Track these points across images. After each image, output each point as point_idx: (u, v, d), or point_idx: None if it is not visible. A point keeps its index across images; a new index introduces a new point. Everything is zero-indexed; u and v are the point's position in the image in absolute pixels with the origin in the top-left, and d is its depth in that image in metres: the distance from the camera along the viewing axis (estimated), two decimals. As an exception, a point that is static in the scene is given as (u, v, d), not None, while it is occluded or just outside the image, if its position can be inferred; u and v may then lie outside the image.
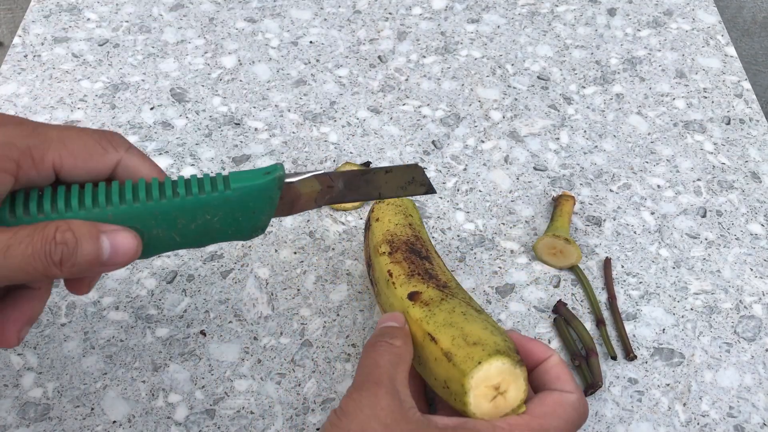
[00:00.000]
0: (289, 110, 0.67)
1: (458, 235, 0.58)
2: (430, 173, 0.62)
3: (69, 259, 0.34)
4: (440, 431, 0.36)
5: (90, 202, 0.36)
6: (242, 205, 0.39)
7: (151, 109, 0.66)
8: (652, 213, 0.60)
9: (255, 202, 0.39)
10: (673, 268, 0.57)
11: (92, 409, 0.48)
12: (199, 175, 0.40)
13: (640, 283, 0.56)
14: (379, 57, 0.72)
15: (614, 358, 0.51)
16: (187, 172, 0.61)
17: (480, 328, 0.40)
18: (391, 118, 0.66)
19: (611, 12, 0.77)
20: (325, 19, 0.75)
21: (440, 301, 0.43)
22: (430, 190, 0.45)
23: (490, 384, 0.38)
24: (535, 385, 0.42)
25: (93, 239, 0.35)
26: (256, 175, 0.39)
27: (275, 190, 0.39)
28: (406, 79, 0.70)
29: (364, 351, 0.41)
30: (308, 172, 0.42)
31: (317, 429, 0.48)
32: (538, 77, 0.71)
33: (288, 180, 0.40)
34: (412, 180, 0.45)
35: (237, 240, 0.41)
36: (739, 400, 0.50)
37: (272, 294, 0.54)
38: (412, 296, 0.44)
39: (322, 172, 0.42)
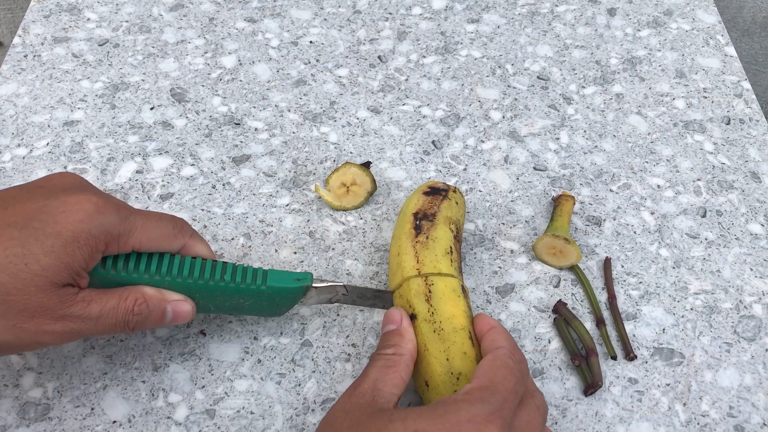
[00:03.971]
0: (289, 110, 0.67)
1: (458, 235, 0.58)
2: (430, 173, 0.62)
3: (140, 325, 0.44)
4: (402, 419, 0.38)
5: (154, 269, 0.44)
6: (270, 299, 0.47)
7: (151, 109, 0.66)
8: (652, 213, 0.60)
9: (282, 299, 0.48)
10: (673, 268, 0.57)
11: (92, 409, 0.48)
12: (245, 265, 0.49)
13: (640, 283, 0.56)
14: (379, 57, 0.72)
15: (614, 358, 0.51)
16: (187, 172, 0.61)
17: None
18: (391, 118, 0.66)
19: (611, 12, 0.77)
20: (325, 19, 0.75)
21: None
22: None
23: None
24: (482, 355, 0.45)
25: (161, 308, 0.44)
26: (289, 279, 0.47)
27: (300, 294, 0.48)
28: (406, 79, 0.70)
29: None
30: (331, 281, 0.49)
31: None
32: (538, 77, 0.71)
33: (313, 285, 0.48)
34: None
35: (257, 316, 0.51)
36: (739, 400, 0.50)
37: (272, 294, 0.54)
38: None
39: (342, 284, 0.49)
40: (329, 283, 0.49)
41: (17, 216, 0.40)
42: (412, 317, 0.47)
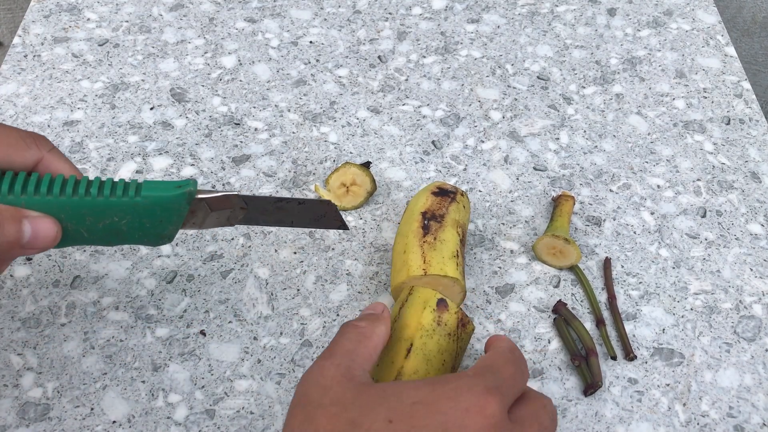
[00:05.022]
0: (289, 110, 0.67)
1: (458, 235, 0.58)
2: (430, 173, 0.62)
3: None
4: (397, 393, 0.36)
5: (6, 188, 0.38)
6: (150, 213, 0.41)
7: (151, 109, 0.66)
8: (652, 213, 0.60)
9: (163, 212, 0.41)
10: (673, 268, 0.57)
11: (92, 409, 0.48)
12: (116, 179, 0.43)
13: (640, 283, 0.56)
14: (379, 57, 0.72)
15: (614, 358, 0.51)
16: (187, 172, 0.61)
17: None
18: (391, 118, 0.66)
19: (611, 12, 0.77)
20: (325, 19, 0.75)
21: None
22: (342, 226, 0.48)
23: None
24: None
25: (15, 223, 0.38)
26: (167, 187, 0.41)
27: (184, 204, 0.41)
28: (406, 79, 0.70)
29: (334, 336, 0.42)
30: (222, 191, 0.43)
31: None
32: (538, 77, 0.71)
33: (199, 196, 0.42)
34: (324, 215, 0.47)
35: (144, 245, 0.44)
36: (739, 400, 0.50)
37: (272, 294, 0.54)
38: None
39: (235, 193, 0.43)
40: (220, 193, 0.43)
41: None
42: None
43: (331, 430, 0.35)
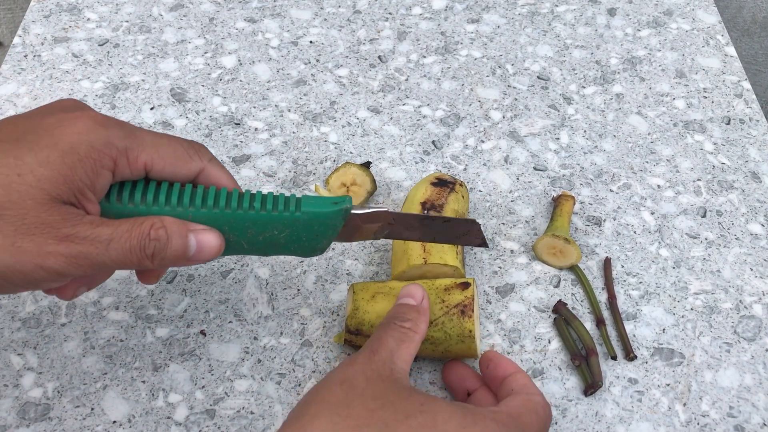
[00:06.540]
0: (289, 110, 0.67)
1: (458, 235, 0.58)
2: (430, 173, 0.62)
3: (160, 254, 0.39)
4: (432, 412, 0.38)
5: (175, 200, 0.40)
6: (308, 228, 0.43)
7: (151, 109, 0.66)
8: (652, 213, 0.60)
9: (320, 226, 0.43)
10: (673, 268, 0.57)
11: (92, 409, 0.48)
12: (275, 193, 0.45)
13: (640, 283, 0.56)
14: (379, 57, 0.72)
15: (614, 358, 0.51)
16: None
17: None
18: (391, 118, 0.66)
19: (611, 12, 0.77)
20: (325, 19, 0.75)
21: None
22: (483, 244, 0.49)
23: None
24: (503, 394, 0.45)
25: (182, 237, 0.39)
26: (325, 203, 0.43)
27: (339, 220, 0.43)
28: (406, 79, 0.70)
29: (376, 329, 0.44)
30: (374, 207, 0.45)
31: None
32: (538, 77, 0.71)
33: (353, 212, 0.44)
34: (467, 232, 0.48)
35: (297, 256, 0.45)
36: (739, 400, 0.50)
37: (272, 294, 0.54)
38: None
39: (386, 210, 0.45)
40: (372, 209, 0.44)
41: (10, 132, 0.37)
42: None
43: (365, 423, 0.37)
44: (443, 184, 0.55)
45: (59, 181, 0.36)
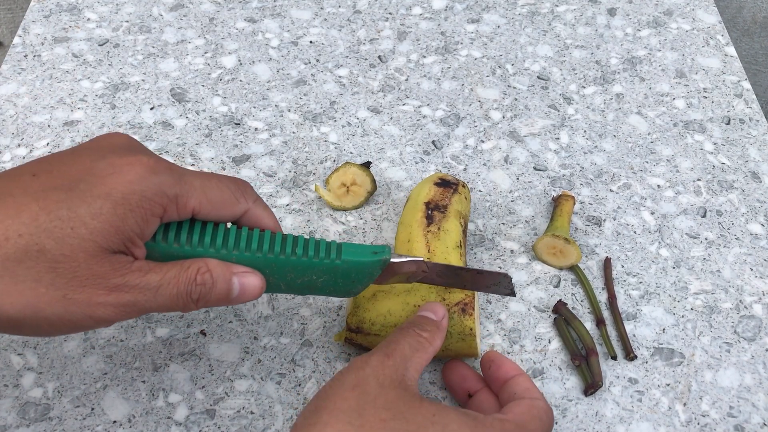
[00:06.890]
0: (289, 110, 0.67)
1: (458, 235, 0.58)
2: (430, 173, 0.62)
3: (204, 297, 0.40)
4: (443, 423, 0.38)
5: (220, 243, 0.41)
6: (346, 274, 0.44)
7: (151, 109, 0.66)
8: (652, 213, 0.60)
9: (358, 274, 0.44)
10: (673, 268, 0.57)
11: (92, 409, 0.48)
12: (317, 238, 0.45)
13: (640, 283, 0.56)
14: (379, 57, 0.72)
15: (614, 358, 0.51)
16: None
17: None
18: (391, 118, 0.66)
19: (611, 12, 0.77)
20: (325, 19, 0.75)
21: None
22: (511, 293, 0.49)
23: None
24: (505, 397, 0.45)
25: (227, 281, 0.40)
26: (365, 252, 0.44)
27: (378, 269, 0.44)
28: (406, 79, 0.70)
29: (393, 333, 0.44)
30: (410, 258, 0.45)
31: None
32: (538, 77, 0.71)
33: (392, 260, 0.45)
34: (498, 283, 0.49)
35: (332, 296, 0.47)
36: (740, 400, 0.50)
37: (272, 294, 0.54)
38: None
39: (422, 259, 0.46)
40: (409, 258, 0.46)
41: (63, 178, 0.37)
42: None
43: None
44: (446, 184, 0.55)
45: (110, 233, 0.36)
